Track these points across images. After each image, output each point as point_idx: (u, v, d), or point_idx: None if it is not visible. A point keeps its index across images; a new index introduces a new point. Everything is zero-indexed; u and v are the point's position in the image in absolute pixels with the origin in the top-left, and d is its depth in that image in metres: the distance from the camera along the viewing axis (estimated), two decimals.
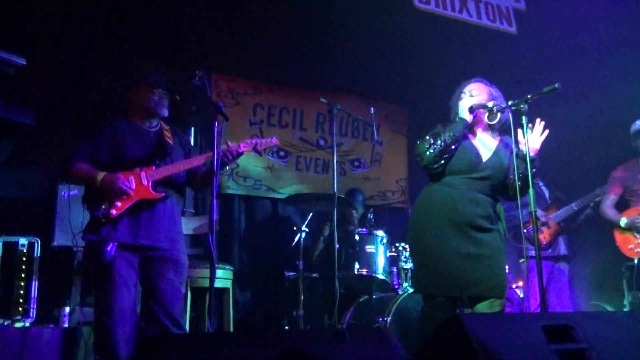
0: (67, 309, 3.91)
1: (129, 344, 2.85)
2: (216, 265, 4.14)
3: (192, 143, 4.30)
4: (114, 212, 2.90)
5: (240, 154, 3.14)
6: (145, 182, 2.99)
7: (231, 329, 4.29)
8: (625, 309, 5.11)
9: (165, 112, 3.18)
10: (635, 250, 4.14)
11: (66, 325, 3.82)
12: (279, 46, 5.16)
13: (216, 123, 2.77)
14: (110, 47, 4.91)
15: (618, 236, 4.28)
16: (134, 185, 2.95)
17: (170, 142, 3.17)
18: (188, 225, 4.33)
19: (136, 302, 3.01)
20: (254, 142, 3.20)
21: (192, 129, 5.28)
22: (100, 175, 2.93)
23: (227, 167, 3.22)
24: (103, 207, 2.91)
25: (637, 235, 4.12)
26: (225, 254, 5.34)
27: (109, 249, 2.86)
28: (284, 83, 5.97)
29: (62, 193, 4.14)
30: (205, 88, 2.90)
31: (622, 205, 4.31)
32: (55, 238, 4.08)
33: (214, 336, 1.52)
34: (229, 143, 3.14)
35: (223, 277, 4.29)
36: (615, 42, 4.98)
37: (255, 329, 5.19)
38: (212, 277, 2.61)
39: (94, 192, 2.96)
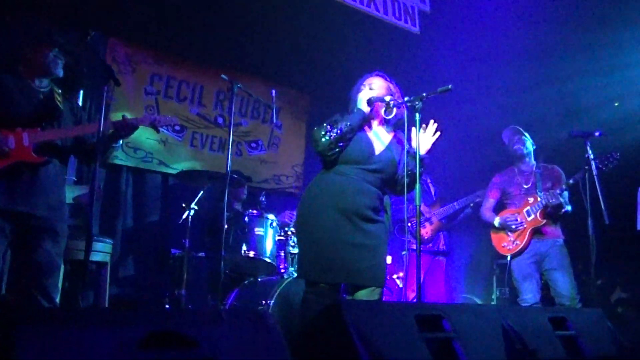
0: None
1: None
2: (95, 238, 3.98)
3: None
4: None
5: (135, 128, 3.03)
6: (26, 144, 2.78)
7: (106, 306, 4.11)
8: (492, 303, 5.51)
9: (60, 73, 3.02)
10: (508, 248, 4.41)
11: None
12: (183, 16, 4.96)
13: (106, 87, 2.63)
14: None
15: (493, 236, 4.56)
16: (13, 145, 2.74)
17: (60, 106, 2.98)
18: (68, 194, 4.08)
19: (3, 272, 2.80)
20: (152, 118, 3.10)
21: (82, 92, 4.96)
22: None
23: (121, 141, 3.09)
24: None
25: (510, 234, 4.40)
26: (109, 227, 5.11)
27: None
28: (185, 55, 5.77)
29: None
30: (98, 49, 2.74)
31: (499, 209, 4.59)
32: None
33: (81, 312, 1.43)
34: (126, 116, 3.00)
35: (102, 250, 4.09)
36: (507, 52, 5.31)
37: (133, 306, 5.01)
38: (88, 250, 2.48)
39: None
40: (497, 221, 4.47)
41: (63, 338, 1.32)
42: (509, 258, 4.42)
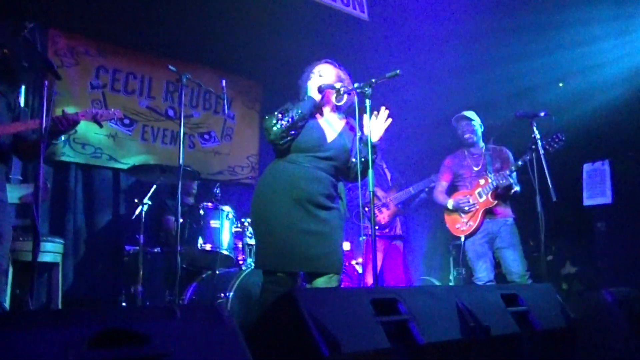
0: None
1: None
2: (44, 238, 3.86)
3: (22, 104, 3.91)
4: None
5: (76, 123, 2.95)
6: None
7: (59, 307, 4.00)
8: (450, 284, 5.63)
9: None
10: (461, 229, 4.48)
11: None
12: (127, 4, 4.81)
13: (46, 82, 2.54)
14: None
15: (447, 218, 4.63)
16: None
17: None
18: (14, 194, 3.94)
19: None
20: (94, 112, 3.02)
21: (23, 88, 4.77)
22: None
23: (62, 137, 3.00)
24: None
25: (463, 215, 4.48)
26: (59, 227, 4.96)
27: None
28: (132, 46, 5.62)
29: None
30: (36, 42, 2.63)
31: (452, 191, 4.67)
32: None
33: (30, 314, 1.39)
34: (65, 111, 2.92)
35: (52, 250, 3.97)
36: (454, 36, 5.39)
37: (87, 305, 4.89)
38: (36, 250, 2.40)
39: None
40: (450, 203, 4.54)
41: (11, 342, 1.27)
42: (462, 239, 4.50)
